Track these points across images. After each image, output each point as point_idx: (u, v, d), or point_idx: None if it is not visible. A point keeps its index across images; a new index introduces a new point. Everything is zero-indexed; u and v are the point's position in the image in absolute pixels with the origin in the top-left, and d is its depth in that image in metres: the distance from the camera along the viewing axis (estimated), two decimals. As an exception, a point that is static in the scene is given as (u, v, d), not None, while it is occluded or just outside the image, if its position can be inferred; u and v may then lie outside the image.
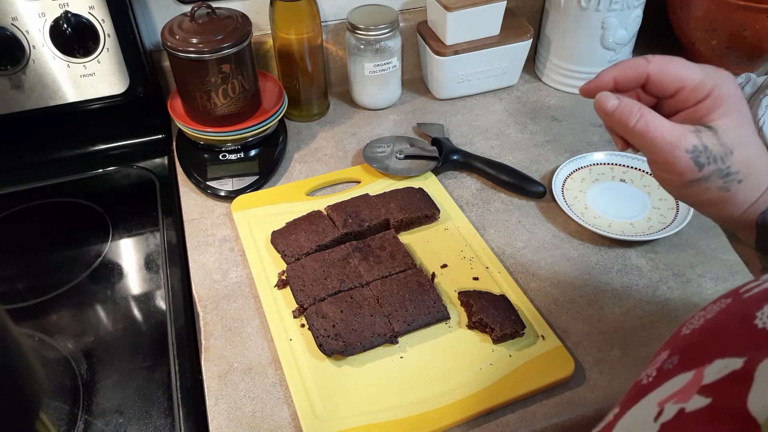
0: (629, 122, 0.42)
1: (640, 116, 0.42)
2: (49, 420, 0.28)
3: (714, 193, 0.43)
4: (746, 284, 0.30)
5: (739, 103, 0.42)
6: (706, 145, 0.41)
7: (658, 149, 0.42)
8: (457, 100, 0.93)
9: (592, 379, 0.56)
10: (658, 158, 0.43)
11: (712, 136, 0.41)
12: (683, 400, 0.25)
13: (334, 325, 0.57)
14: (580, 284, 0.65)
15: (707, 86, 0.42)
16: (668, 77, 0.43)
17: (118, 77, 0.78)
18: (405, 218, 0.69)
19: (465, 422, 0.53)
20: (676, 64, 0.43)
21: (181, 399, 0.56)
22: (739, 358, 0.25)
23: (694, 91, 0.42)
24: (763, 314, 0.26)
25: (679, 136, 0.41)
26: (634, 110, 0.42)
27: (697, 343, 0.29)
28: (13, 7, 0.70)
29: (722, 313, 0.29)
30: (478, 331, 0.59)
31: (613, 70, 0.44)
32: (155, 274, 0.68)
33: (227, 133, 0.77)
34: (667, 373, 0.29)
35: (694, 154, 0.41)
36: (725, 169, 0.42)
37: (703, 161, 0.41)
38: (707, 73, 0.42)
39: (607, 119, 0.44)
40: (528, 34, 0.89)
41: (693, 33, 0.93)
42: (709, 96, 0.42)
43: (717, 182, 0.42)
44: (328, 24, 0.90)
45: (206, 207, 0.75)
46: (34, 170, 0.82)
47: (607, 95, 0.43)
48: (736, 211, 0.44)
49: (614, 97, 0.43)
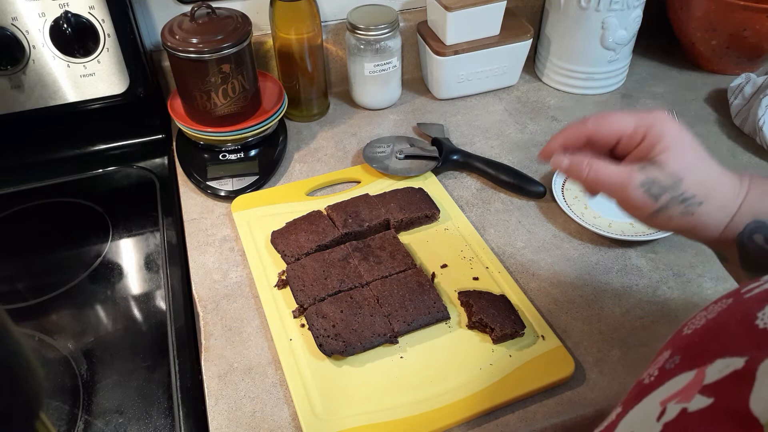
0: (581, 174, 0.48)
1: (589, 168, 0.48)
2: (49, 420, 0.28)
3: (680, 219, 0.46)
4: (747, 284, 0.30)
5: (677, 136, 0.46)
6: (652, 178, 0.45)
7: (613, 190, 0.47)
8: (457, 100, 0.93)
9: (592, 379, 0.56)
10: (617, 197, 0.48)
11: (656, 170, 0.45)
12: (685, 400, 0.25)
13: (334, 325, 0.57)
14: (580, 284, 0.65)
15: (641, 131, 0.46)
16: (604, 132, 0.48)
17: (118, 77, 0.78)
18: (405, 218, 0.69)
19: (465, 422, 0.53)
20: (610, 119, 0.48)
21: (181, 399, 0.56)
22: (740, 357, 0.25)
23: (631, 137, 0.47)
24: (764, 314, 0.26)
25: (626, 177, 0.46)
26: (583, 164, 0.48)
27: (698, 343, 0.29)
28: (13, 7, 0.70)
29: (724, 313, 0.30)
30: (478, 331, 0.59)
31: (560, 136, 0.50)
32: (155, 274, 0.68)
33: (227, 133, 0.77)
34: (668, 372, 0.29)
35: (645, 187, 0.46)
36: (680, 195, 0.45)
37: (655, 192, 0.45)
38: (640, 118, 0.47)
39: (567, 175, 0.51)
40: (528, 34, 0.89)
41: (693, 33, 0.93)
42: (645, 138, 0.46)
43: (678, 208, 0.46)
44: (328, 24, 0.90)
45: (206, 207, 0.75)
46: (34, 170, 0.82)
47: (559, 157, 0.50)
48: (711, 233, 0.47)
49: (566, 158, 0.49)
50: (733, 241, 0.46)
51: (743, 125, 0.84)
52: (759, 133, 0.80)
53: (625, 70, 0.94)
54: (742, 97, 0.85)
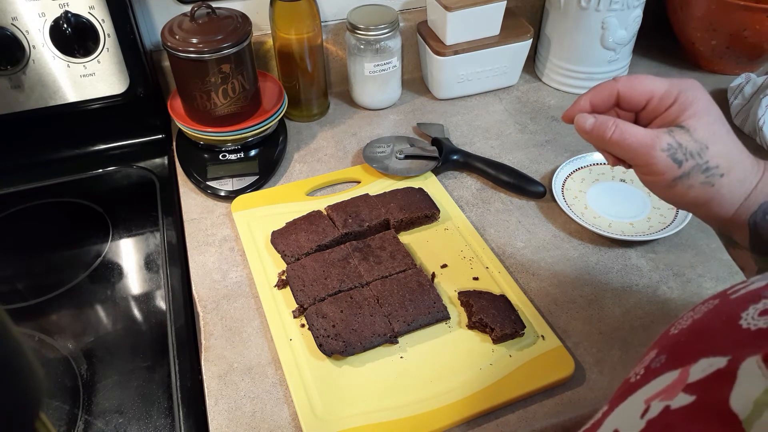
0: (606, 134, 0.47)
1: (615, 127, 0.46)
2: (49, 420, 0.28)
3: (698, 189, 0.45)
4: (734, 286, 0.31)
5: (708, 105, 0.45)
6: (680, 142, 0.44)
7: (637, 153, 0.46)
8: (457, 100, 0.93)
9: (592, 379, 0.56)
10: (639, 162, 0.46)
11: (684, 134, 0.45)
12: (669, 398, 0.26)
13: (334, 325, 0.57)
14: (580, 284, 0.65)
15: (673, 93, 0.46)
16: (636, 91, 0.47)
17: (118, 77, 0.78)
18: (405, 218, 0.69)
19: (465, 422, 0.53)
20: (642, 79, 0.47)
21: (181, 399, 0.56)
22: (723, 357, 0.25)
23: (662, 99, 0.46)
24: (748, 315, 0.27)
25: (653, 138, 0.45)
26: (609, 124, 0.46)
27: (684, 343, 0.30)
28: (13, 7, 0.70)
29: (709, 313, 0.30)
30: (478, 331, 0.59)
31: (588, 94, 0.49)
32: (155, 274, 0.68)
33: (227, 133, 0.77)
34: (654, 371, 0.29)
35: (670, 151, 0.44)
36: (704, 164, 0.44)
37: (680, 157, 0.44)
38: (672, 82, 0.46)
39: (587, 137, 0.48)
40: (528, 34, 0.89)
41: (693, 33, 0.93)
42: (677, 101, 0.45)
43: (699, 177, 0.45)
44: (328, 24, 0.90)
45: (206, 207, 0.75)
46: (34, 170, 0.82)
47: (584, 116, 0.48)
48: (726, 210, 0.46)
49: (591, 117, 0.48)
50: (745, 222, 0.45)
51: (743, 125, 0.84)
52: (759, 133, 0.80)
53: (625, 70, 0.94)
54: (742, 97, 0.85)
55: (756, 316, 0.26)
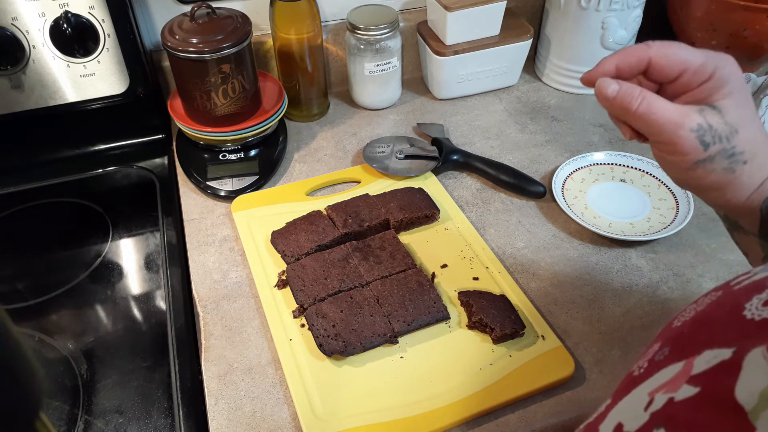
0: (631, 106, 0.42)
1: (642, 99, 0.42)
2: (49, 420, 0.28)
3: (719, 174, 0.42)
4: (737, 276, 0.31)
5: (741, 84, 0.42)
6: (710, 124, 0.41)
7: (663, 130, 0.41)
8: (457, 100, 0.93)
9: (592, 379, 0.56)
10: (663, 139, 0.42)
11: (716, 115, 0.41)
12: (672, 390, 0.25)
13: (334, 325, 0.57)
14: (580, 284, 0.65)
15: (709, 67, 0.41)
16: (670, 61, 0.42)
17: (118, 77, 0.78)
18: (405, 218, 0.69)
19: (465, 422, 0.53)
20: (677, 48, 0.43)
21: (181, 399, 0.56)
22: (728, 348, 0.25)
23: (697, 73, 0.42)
24: (752, 305, 0.27)
25: (683, 116, 0.41)
26: (635, 94, 0.42)
27: (687, 335, 0.29)
28: (13, 7, 0.70)
29: (712, 305, 0.30)
30: (478, 331, 0.59)
31: (615, 56, 0.44)
32: (155, 274, 0.68)
33: (227, 133, 0.77)
34: (657, 364, 0.29)
35: (699, 133, 0.41)
36: (730, 149, 0.41)
37: (708, 140, 0.41)
38: (709, 55, 0.42)
39: (608, 105, 0.44)
40: (528, 34, 0.89)
41: (693, 33, 0.93)
42: (712, 77, 0.42)
43: (722, 163, 0.42)
44: (328, 24, 0.90)
45: (206, 207, 0.75)
46: (34, 170, 0.82)
47: (607, 81, 0.43)
48: (740, 196, 0.43)
49: (614, 83, 0.43)
50: (758, 207, 0.43)
51: (743, 125, 0.84)
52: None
53: (625, 70, 0.94)
54: (742, 97, 0.85)
55: (760, 307, 0.26)
